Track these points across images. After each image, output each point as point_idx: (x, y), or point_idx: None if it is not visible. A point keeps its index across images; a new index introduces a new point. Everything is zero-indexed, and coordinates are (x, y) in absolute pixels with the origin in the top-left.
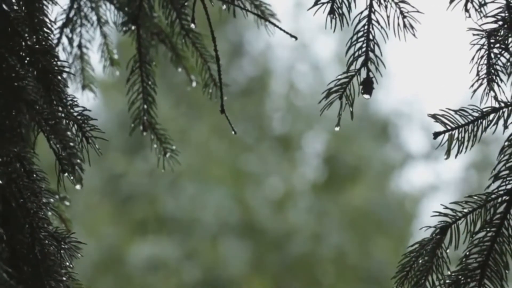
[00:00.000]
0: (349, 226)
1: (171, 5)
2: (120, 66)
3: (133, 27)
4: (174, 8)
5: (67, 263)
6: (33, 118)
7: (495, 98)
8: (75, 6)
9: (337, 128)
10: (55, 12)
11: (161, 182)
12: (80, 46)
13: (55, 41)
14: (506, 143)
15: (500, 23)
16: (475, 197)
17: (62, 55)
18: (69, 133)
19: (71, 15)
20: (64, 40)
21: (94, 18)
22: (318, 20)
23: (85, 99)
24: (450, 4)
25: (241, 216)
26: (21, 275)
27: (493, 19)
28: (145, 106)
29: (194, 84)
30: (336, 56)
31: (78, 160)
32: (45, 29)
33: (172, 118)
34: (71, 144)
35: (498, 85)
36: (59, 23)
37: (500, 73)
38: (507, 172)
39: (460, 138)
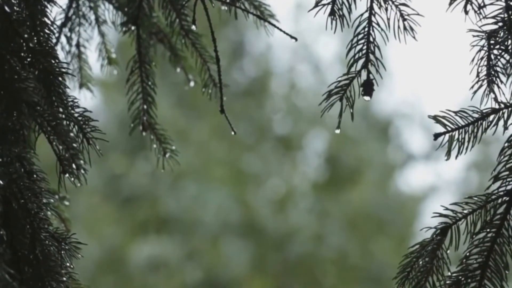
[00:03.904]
0: (350, 226)
1: (171, 6)
2: (118, 65)
3: (132, 28)
4: (173, 9)
5: (68, 264)
6: (35, 119)
7: (495, 99)
8: (73, 5)
9: (337, 131)
10: (54, 12)
11: (162, 182)
12: (78, 45)
13: (54, 41)
14: (506, 144)
15: (500, 24)
16: (475, 198)
17: (60, 54)
18: (71, 134)
19: (69, 14)
20: (63, 39)
21: (93, 17)
22: (319, 21)
23: (86, 99)
24: (450, 6)
25: (242, 216)
26: (22, 276)
27: (493, 20)
28: (145, 106)
29: (192, 84)
30: (337, 57)
31: (81, 161)
32: (46, 31)
33: (173, 118)
34: (74, 145)
35: (498, 86)
36: (58, 22)
37: (500, 75)
38: (507, 173)
39: (460, 139)
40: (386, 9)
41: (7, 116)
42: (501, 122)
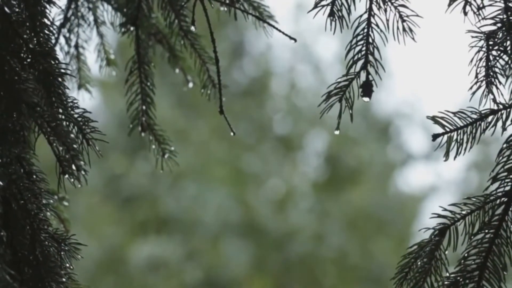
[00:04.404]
0: (350, 226)
1: (170, 7)
2: (116, 66)
3: (131, 28)
4: (172, 10)
5: (67, 264)
6: (35, 120)
7: (494, 100)
8: (72, 6)
9: (336, 132)
10: (53, 12)
11: (162, 182)
12: (76, 46)
13: (53, 41)
14: (505, 145)
15: (499, 25)
16: (474, 199)
17: (59, 55)
18: (72, 135)
19: (68, 15)
20: (62, 40)
21: (91, 18)
22: (319, 21)
23: (84, 100)
24: (449, 7)
25: (242, 216)
26: (22, 277)
27: (492, 21)
28: (144, 107)
29: (190, 84)
30: (337, 57)
31: (82, 163)
32: (46, 31)
33: (173, 118)
34: (74, 146)
35: (497, 87)
36: (57, 23)
37: (499, 75)
38: (505, 174)
39: (459, 140)
40: (385, 10)
41: (7, 117)
42: (500, 123)
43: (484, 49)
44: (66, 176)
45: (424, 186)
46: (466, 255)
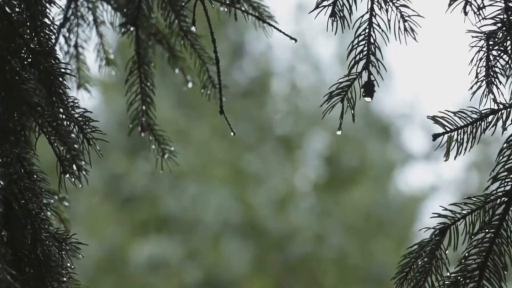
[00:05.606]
0: (351, 226)
1: (170, 7)
2: (116, 66)
3: (131, 28)
4: (172, 10)
5: (68, 264)
6: (36, 120)
7: (494, 100)
8: (72, 6)
9: (339, 132)
10: (53, 12)
11: (162, 182)
12: (76, 45)
13: (52, 41)
14: (505, 145)
15: (499, 25)
16: (474, 199)
17: (59, 55)
18: (73, 135)
19: (68, 15)
20: (61, 40)
21: (91, 18)
22: (319, 21)
23: (84, 100)
24: (449, 7)
25: (243, 216)
26: (23, 276)
27: (492, 21)
28: (144, 107)
29: (190, 84)
30: (337, 57)
31: (83, 162)
32: (46, 31)
33: (173, 118)
34: (75, 146)
35: (497, 87)
36: (56, 23)
37: (499, 75)
38: (505, 173)
39: (459, 140)
40: (387, 10)
41: (9, 117)
42: (500, 123)
43: (484, 49)
44: (67, 175)
45: (424, 186)
46: (466, 254)
